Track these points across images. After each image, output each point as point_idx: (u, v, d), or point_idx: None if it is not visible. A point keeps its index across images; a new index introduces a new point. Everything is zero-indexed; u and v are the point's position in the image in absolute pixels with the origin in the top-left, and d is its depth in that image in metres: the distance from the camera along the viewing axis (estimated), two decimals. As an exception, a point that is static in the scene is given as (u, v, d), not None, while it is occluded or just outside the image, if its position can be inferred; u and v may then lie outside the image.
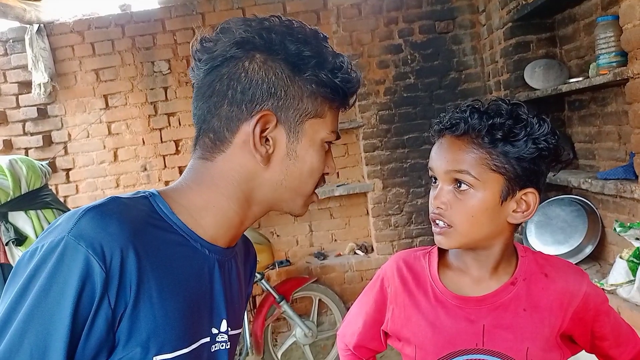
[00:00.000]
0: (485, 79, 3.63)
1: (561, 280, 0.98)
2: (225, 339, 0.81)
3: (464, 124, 0.91)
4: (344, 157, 3.91)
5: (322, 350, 3.56)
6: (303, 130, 0.79)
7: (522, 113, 0.91)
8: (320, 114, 0.79)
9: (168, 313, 0.70)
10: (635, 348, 1.05)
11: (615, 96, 2.50)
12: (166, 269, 0.71)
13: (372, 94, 3.65)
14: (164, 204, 0.76)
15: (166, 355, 0.70)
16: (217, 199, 0.79)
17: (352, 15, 3.63)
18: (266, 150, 0.77)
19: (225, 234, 0.81)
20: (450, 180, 0.93)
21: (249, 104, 0.76)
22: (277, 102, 0.76)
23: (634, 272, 2.22)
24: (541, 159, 0.92)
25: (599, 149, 2.72)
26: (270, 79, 0.76)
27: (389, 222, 3.76)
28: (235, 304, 0.86)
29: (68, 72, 3.66)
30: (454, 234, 0.93)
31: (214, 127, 0.78)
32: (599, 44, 2.23)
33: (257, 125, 0.76)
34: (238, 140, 0.78)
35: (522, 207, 0.94)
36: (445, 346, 0.97)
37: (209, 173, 0.79)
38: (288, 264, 3.76)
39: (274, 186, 0.80)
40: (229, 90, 0.76)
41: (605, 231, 2.75)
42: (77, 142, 3.70)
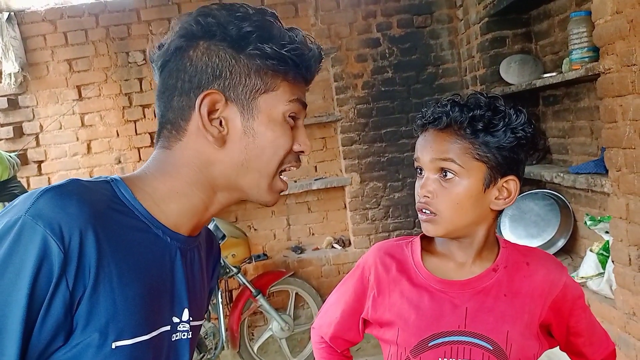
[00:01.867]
0: (462, 73, 3.65)
1: (542, 269, 1.02)
2: (187, 329, 0.80)
3: (446, 117, 0.95)
4: (322, 151, 3.90)
5: (298, 343, 3.56)
6: (257, 106, 0.77)
7: (500, 105, 0.96)
8: (272, 87, 0.78)
9: (128, 298, 0.68)
10: (606, 350, 1.09)
11: (588, 92, 2.54)
12: (127, 253, 0.70)
13: (350, 87, 3.65)
14: (126, 189, 0.75)
15: (125, 341, 0.68)
16: (180, 186, 0.78)
17: (331, 8, 3.61)
18: (219, 131, 0.76)
19: (189, 221, 0.80)
20: (436, 169, 0.96)
21: (196, 90, 0.76)
22: (223, 83, 0.76)
23: (604, 265, 2.27)
24: (520, 147, 0.96)
25: (572, 144, 2.76)
26: (213, 62, 0.76)
27: (366, 216, 3.76)
28: (198, 294, 0.84)
29: (40, 62, 3.57)
30: (440, 221, 0.96)
31: (171, 119, 0.78)
32: (572, 40, 2.26)
33: (203, 105, 0.75)
34: (192, 127, 0.77)
35: (503, 194, 0.98)
36: (428, 328, 1.00)
37: (169, 161, 0.79)
38: (265, 257, 3.74)
39: (235, 168, 0.78)
40: (178, 82, 0.77)
41: (577, 225, 2.80)
42: (49, 133, 3.62)
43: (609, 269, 2.17)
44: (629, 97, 1.79)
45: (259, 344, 3.45)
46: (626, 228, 1.93)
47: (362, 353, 3.27)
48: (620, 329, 2.05)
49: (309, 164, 3.91)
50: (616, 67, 1.84)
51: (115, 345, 0.67)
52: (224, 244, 3.11)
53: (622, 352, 2.05)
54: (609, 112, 1.92)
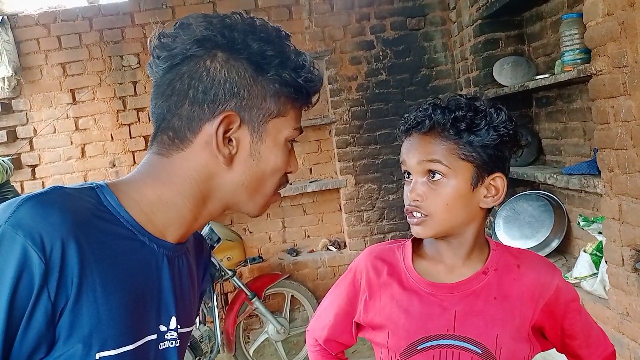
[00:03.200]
0: (455, 75, 3.66)
1: (533, 272, 1.01)
2: (175, 337, 0.78)
3: (429, 120, 0.96)
4: (316, 154, 3.91)
5: (294, 346, 3.56)
6: (267, 130, 0.77)
7: (480, 105, 0.97)
8: (283, 113, 0.78)
9: (112, 308, 0.67)
10: (605, 351, 1.08)
11: (581, 93, 2.55)
12: (111, 262, 0.68)
13: (344, 90, 3.66)
14: (111, 196, 0.73)
15: (109, 352, 0.67)
16: (171, 196, 0.77)
17: (324, 10, 3.62)
18: (229, 151, 0.76)
19: (176, 230, 0.79)
20: (424, 171, 0.97)
21: (211, 103, 0.74)
22: (240, 102, 0.75)
23: (597, 266, 2.28)
24: (503, 145, 0.97)
25: (564, 145, 2.78)
26: (232, 79, 0.74)
27: (362, 218, 3.77)
28: (186, 301, 0.83)
29: (33, 66, 3.56)
30: (430, 222, 0.97)
31: (174, 126, 0.76)
32: (564, 41, 2.28)
33: (221, 126, 0.74)
34: (200, 141, 0.76)
35: (491, 191, 0.99)
36: (417, 331, 0.99)
37: (165, 169, 0.77)
38: (260, 260, 3.73)
39: (235, 187, 0.79)
40: (190, 90, 0.74)
41: (570, 225, 2.81)
42: (43, 137, 3.60)
43: (602, 269, 2.18)
44: (621, 98, 1.81)
45: (255, 347, 3.44)
46: (619, 228, 1.94)
47: (358, 355, 3.27)
48: (614, 329, 2.06)
49: (304, 167, 3.91)
50: (608, 68, 1.85)
51: (99, 356, 0.66)
52: (219, 247, 3.11)
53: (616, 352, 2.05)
54: (601, 113, 1.93)
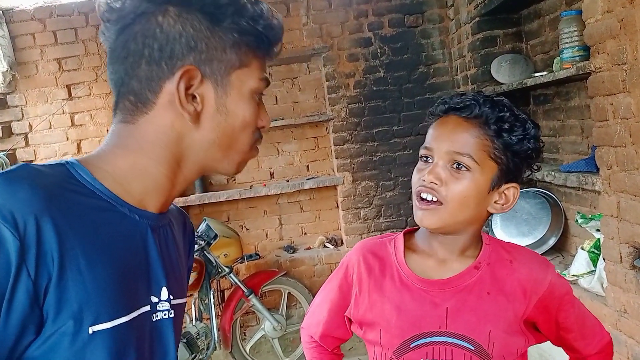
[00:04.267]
0: (453, 73, 3.66)
1: (526, 268, 1.01)
2: (167, 308, 0.77)
3: (478, 109, 0.95)
4: (313, 151, 3.90)
5: (291, 343, 3.55)
6: (230, 82, 0.75)
7: (520, 113, 0.97)
8: (245, 63, 0.76)
9: (100, 281, 0.65)
10: (601, 341, 1.08)
11: (579, 90, 2.56)
12: (92, 235, 0.66)
13: (342, 87, 3.65)
14: (83, 170, 0.70)
15: (104, 324, 0.65)
16: (143, 163, 0.74)
17: (322, 7, 3.61)
18: (194, 108, 0.73)
19: (155, 198, 0.77)
20: (450, 160, 0.95)
21: (168, 60, 0.71)
22: (199, 56, 0.72)
23: (595, 263, 2.28)
24: (529, 159, 0.98)
25: (562, 143, 2.78)
26: (188, 32, 0.72)
27: (359, 215, 3.77)
28: (176, 271, 0.82)
29: (29, 61, 3.53)
30: (442, 211, 0.95)
31: (134, 89, 0.73)
32: (563, 39, 2.27)
33: (181, 82, 0.71)
34: (162, 101, 0.73)
35: (502, 199, 0.98)
36: (409, 329, 0.99)
37: (132, 136, 0.74)
38: (257, 257, 3.72)
39: (206, 145, 0.76)
40: (145, 49, 0.71)
41: (568, 223, 2.81)
42: (39, 133, 3.58)
43: (600, 266, 2.18)
44: (620, 95, 1.80)
45: (251, 344, 3.44)
46: (617, 226, 1.94)
47: (355, 352, 3.27)
48: (612, 326, 2.07)
49: (301, 163, 3.90)
50: (607, 65, 1.85)
51: (92, 330, 0.64)
52: (216, 243, 3.10)
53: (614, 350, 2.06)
54: (600, 110, 1.93)
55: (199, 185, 3.70)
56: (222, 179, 3.87)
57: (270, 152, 3.89)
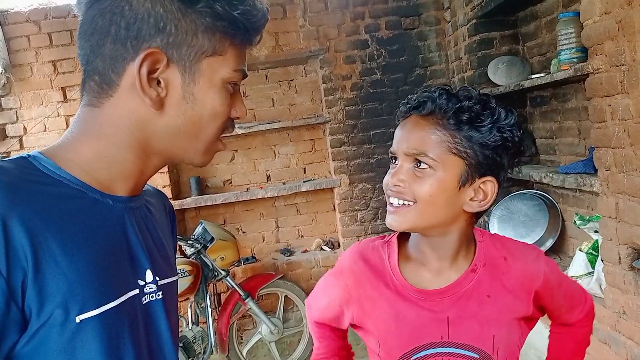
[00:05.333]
0: (449, 75, 3.66)
1: (520, 262, 0.98)
2: (154, 289, 0.75)
3: (431, 103, 0.90)
4: (310, 153, 3.89)
5: (288, 347, 3.54)
6: (200, 69, 0.71)
7: (491, 102, 0.91)
8: (219, 51, 0.71)
9: (81, 269, 0.63)
10: (585, 306, 1.10)
11: (575, 92, 2.56)
12: (65, 224, 0.64)
13: (338, 89, 3.64)
14: (47, 161, 0.68)
15: (91, 312, 0.64)
16: (108, 150, 0.72)
17: (319, 9, 3.61)
18: (157, 94, 0.69)
19: (124, 183, 0.74)
20: (411, 159, 0.91)
21: (134, 40, 0.67)
22: (166, 39, 0.68)
23: (593, 264, 2.28)
24: (504, 150, 0.91)
25: (559, 144, 2.78)
26: (157, 12, 0.67)
27: (356, 217, 3.76)
28: (161, 251, 0.80)
29: (23, 64, 3.51)
30: (410, 212, 0.90)
31: (99, 69, 0.70)
32: (560, 40, 2.28)
33: (144, 65, 0.68)
34: (125, 83, 0.69)
35: (479, 196, 0.92)
36: (410, 340, 0.96)
37: (96, 121, 0.72)
38: (254, 260, 3.71)
39: (171, 133, 0.73)
40: (112, 26, 0.68)
41: (565, 225, 2.81)
42: (34, 136, 3.55)
43: (598, 268, 2.18)
44: (618, 96, 1.81)
45: (248, 348, 3.41)
46: (616, 227, 1.94)
47: (353, 355, 3.26)
48: (611, 327, 2.06)
49: (297, 166, 3.89)
50: (605, 67, 1.85)
51: (79, 319, 0.63)
52: (213, 247, 3.08)
53: (613, 351, 2.06)
54: (598, 112, 1.93)
55: (195, 188, 3.68)
56: (218, 181, 3.85)
57: (266, 154, 3.88)
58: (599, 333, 2.13)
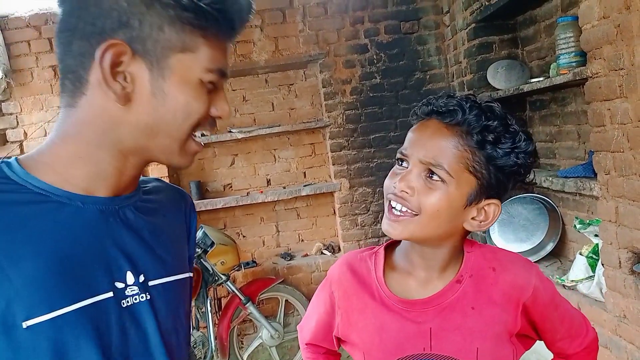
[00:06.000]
0: (449, 79, 3.67)
1: (509, 274, 0.95)
2: (137, 292, 0.73)
3: (461, 115, 0.86)
4: (310, 157, 3.90)
5: (288, 351, 3.53)
6: (169, 66, 0.68)
7: (512, 123, 0.89)
8: (189, 47, 0.69)
9: (28, 273, 0.63)
10: (586, 338, 1.04)
11: (575, 96, 2.56)
12: (13, 230, 0.64)
13: (338, 93, 3.65)
14: (15, 167, 0.69)
15: (41, 317, 0.63)
16: (83, 150, 0.71)
17: (318, 14, 3.61)
18: (122, 87, 0.68)
19: (103, 184, 0.73)
20: (424, 168, 0.88)
21: (98, 36, 0.66)
22: (130, 33, 0.66)
23: (593, 268, 2.28)
24: (515, 175, 0.90)
25: (559, 148, 2.78)
26: (121, 6, 0.66)
27: (356, 221, 3.75)
28: (156, 251, 0.78)
29: (24, 69, 3.52)
30: (411, 224, 0.88)
31: (71, 67, 0.70)
32: (559, 44, 2.28)
33: (105, 57, 0.66)
34: (93, 79, 0.68)
35: (481, 216, 0.91)
36: (392, 352, 0.94)
37: (72, 122, 0.71)
38: (254, 265, 3.71)
39: (143, 130, 0.71)
40: (79, 23, 0.67)
41: (565, 229, 2.81)
42: (34, 141, 3.55)
43: (598, 272, 2.18)
44: (617, 100, 1.81)
45: (249, 353, 3.41)
46: (616, 231, 1.94)
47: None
48: (611, 331, 2.06)
49: (297, 170, 3.90)
50: (604, 71, 1.85)
51: (26, 324, 0.62)
52: (213, 251, 3.08)
53: (614, 355, 2.05)
54: (597, 116, 1.93)
55: (196, 192, 3.68)
56: (219, 185, 3.86)
57: (266, 158, 3.88)
58: (600, 337, 2.12)
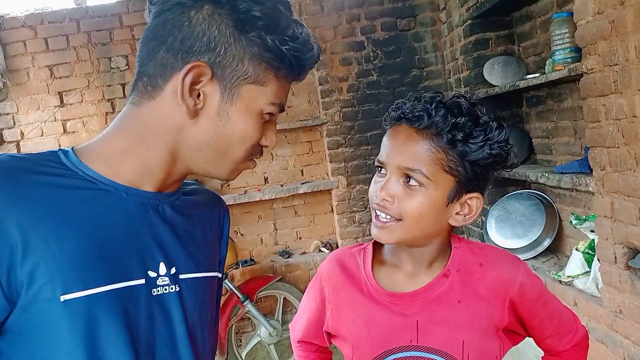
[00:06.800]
0: (446, 76, 3.67)
1: (496, 270, 0.97)
2: (168, 282, 0.77)
3: (427, 118, 0.87)
4: (308, 155, 3.90)
5: (287, 349, 3.53)
6: (239, 93, 0.76)
7: (482, 115, 0.90)
8: (261, 81, 0.76)
9: (71, 252, 0.68)
10: (576, 336, 1.04)
11: (571, 92, 2.56)
12: (63, 211, 0.69)
13: (335, 90, 3.65)
14: (71, 155, 0.75)
15: (76, 293, 0.67)
16: (137, 148, 0.77)
17: (315, 11, 3.61)
18: (194, 103, 0.74)
19: (150, 179, 0.78)
20: (402, 174, 0.90)
21: (185, 54, 0.73)
22: (214, 58, 0.73)
23: (590, 264, 2.28)
24: (492, 165, 0.91)
25: (555, 144, 2.79)
26: (212, 33, 0.73)
27: (354, 218, 3.76)
28: (189, 247, 0.83)
29: (20, 69, 3.51)
30: (397, 229, 0.90)
31: (149, 72, 0.76)
32: (555, 41, 2.28)
33: (189, 75, 0.73)
34: (169, 89, 0.75)
35: (465, 210, 0.93)
36: (380, 344, 0.95)
37: (132, 120, 0.78)
38: (252, 263, 3.72)
39: (200, 144, 0.77)
40: (170, 37, 0.74)
41: (562, 224, 2.82)
42: (31, 140, 3.56)
43: (595, 267, 2.18)
44: (612, 96, 1.81)
45: (247, 351, 3.42)
46: (611, 226, 1.95)
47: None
48: (607, 327, 2.07)
49: (295, 168, 3.90)
50: (598, 67, 1.85)
51: (64, 298, 0.66)
52: (211, 249, 3.08)
53: (610, 350, 2.06)
54: (592, 111, 1.94)
55: (193, 191, 3.68)
56: (216, 184, 3.86)
57: (264, 157, 3.85)
58: (596, 332, 2.13)
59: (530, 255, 2.80)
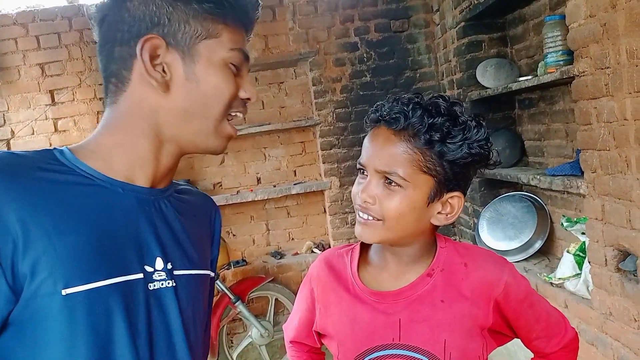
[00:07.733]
0: (439, 77, 3.67)
1: (481, 270, 0.97)
2: (164, 277, 0.79)
3: (404, 120, 0.88)
4: (300, 155, 3.89)
5: (278, 350, 3.52)
6: (198, 52, 0.78)
7: (461, 114, 0.90)
8: (213, 33, 0.79)
9: (71, 246, 0.69)
10: (565, 337, 1.04)
11: (563, 95, 2.57)
12: (63, 206, 0.71)
13: (328, 91, 3.65)
14: (68, 153, 0.77)
15: (77, 287, 0.68)
16: (125, 138, 0.79)
17: (308, 12, 3.61)
18: (162, 76, 0.77)
19: (142, 172, 0.81)
20: (381, 175, 0.91)
21: (135, 38, 0.76)
22: (162, 30, 0.77)
23: (581, 266, 2.29)
24: (472, 164, 0.92)
25: (547, 147, 2.80)
26: (151, 10, 0.76)
27: (346, 220, 3.76)
28: (183, 244, 0.84)
29: (11, 66, 3.49)
30: (379, 228, 0.92)
31: (113, 71, 0.79)
32: (547, 43, 2.29)
33: (145, 50, 0.76)
34: (135, 75, 0.78)
35: (446, 209, 0.94)
36: (363, 342, 0.97)
37: (115, 115, 0.80)
38: (244, 263, 3.71)
39: (180, 114, 0.79)
40: (117, 33, 0.78)
41: (553, 226, 2.83)
42: (21, 139, 3.53)
43: (585, 269, 2.19)
44: (603, 99, 1.82)
45: (239, 352, 3.40)
46: (602, 229, 1.95)
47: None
48: (598, 329, 2.07)
49: (288, 169, 3.89)
50: (590, 70, 1.86)
51: (65, 292, 0.67)
52: (202, 250, 3.07)
53: (600, 352, 2.07)
54: (584, 114, 1.94)
55: (185, 191, 3.67)
56: (208, 184, 3.84)
57: (257, 157, 3.87)
58: (587, 334, 2.14)
59: (521, 257, 2.81)
